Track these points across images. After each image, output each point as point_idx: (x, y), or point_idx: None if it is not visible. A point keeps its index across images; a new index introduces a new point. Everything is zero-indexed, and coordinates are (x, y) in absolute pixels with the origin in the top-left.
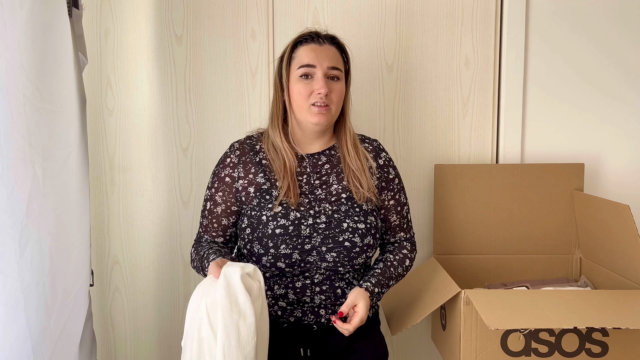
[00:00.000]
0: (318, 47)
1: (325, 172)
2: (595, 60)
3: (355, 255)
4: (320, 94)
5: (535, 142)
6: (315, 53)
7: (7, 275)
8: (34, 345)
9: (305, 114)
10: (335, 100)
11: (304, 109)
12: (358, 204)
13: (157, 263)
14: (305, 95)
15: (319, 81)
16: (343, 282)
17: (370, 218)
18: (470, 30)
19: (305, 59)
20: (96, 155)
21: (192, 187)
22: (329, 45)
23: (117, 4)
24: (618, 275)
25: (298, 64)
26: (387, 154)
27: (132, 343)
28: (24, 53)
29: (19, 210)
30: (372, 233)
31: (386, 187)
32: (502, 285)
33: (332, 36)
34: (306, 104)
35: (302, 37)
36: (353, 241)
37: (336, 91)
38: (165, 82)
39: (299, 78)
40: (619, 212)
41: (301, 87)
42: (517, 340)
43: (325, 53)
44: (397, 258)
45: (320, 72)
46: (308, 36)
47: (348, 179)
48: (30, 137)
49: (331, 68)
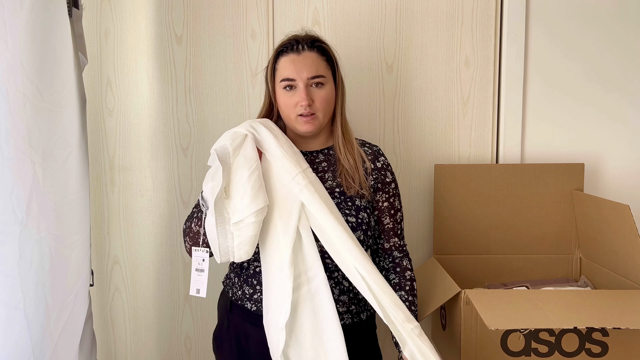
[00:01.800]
0: (297, 57)
1: (322, 169)
2: (595, 60)
3: None
4: (302, 105)
5: (535, 142)
6: (294, 65)
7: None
8: (34, 345)
9: (294, 123)
10: (321, 107)
11: (292, 119)
12: (351, 199)
13: (157, 263)
14: (291, 107)
15: (301, 93)
16: (332, 280)
17: (363, 214)
18: (470, 30)
19: (285, 72)
20: (96, 155)
21: (192, 187)
22: (308, 52)
23: (117, 4)
24: (618, 275)
25: (280, 77)
26: (386, 159)
27: (132, 343)
28: (24, 53)
29: (19, 210)
30: (362, 229)
31: (381, 188)
32: (502, 285)
33: (312, 39)
34: (293, 115)
35: (282, 47)
36: None
37: (320, 98)
38: (165, 82)
39: (283, 90)
40: (619, 212)
41: (286, 99)
42: (517, 340)
43: (303, 63)
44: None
45: (301, 84)
46: (288, 44)
47: (341, 175)
48: (30, 137)
49: (312, 78)
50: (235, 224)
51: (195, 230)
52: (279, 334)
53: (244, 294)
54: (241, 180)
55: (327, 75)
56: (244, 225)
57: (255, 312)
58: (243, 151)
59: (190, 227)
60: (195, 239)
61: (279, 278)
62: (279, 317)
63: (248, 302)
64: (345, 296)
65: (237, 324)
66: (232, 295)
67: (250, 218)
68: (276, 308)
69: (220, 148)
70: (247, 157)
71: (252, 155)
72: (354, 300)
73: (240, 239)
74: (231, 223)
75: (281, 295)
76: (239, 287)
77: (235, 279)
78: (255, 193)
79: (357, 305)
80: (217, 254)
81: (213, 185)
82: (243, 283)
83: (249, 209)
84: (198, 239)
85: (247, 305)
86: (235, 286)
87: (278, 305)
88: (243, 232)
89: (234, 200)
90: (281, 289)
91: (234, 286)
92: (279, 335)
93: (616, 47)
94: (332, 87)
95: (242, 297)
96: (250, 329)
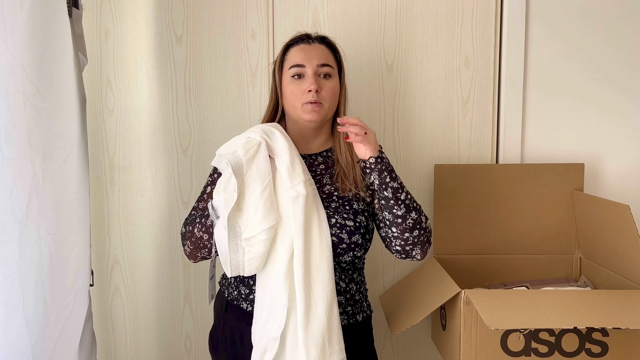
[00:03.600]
0: (307, 46)
1: (320, 173)
2: (596, 60)
3: (341, 251)
4: (311, 90)
5: (535, 142)
6: (304, 52)
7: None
8: (34, 345)
9: (299, 112)
10: (327, 97)
11: (298, 108)
12: (349, 203)
13: (157, 263)
14: (298, 95)
15: (310, 79)
16: None
17: (360, 217)
18: (470, 30)
19: (295, 59)
20: (96, 155)
21: (192, 187)
22: (318, 44)
23: (117, 4)
24: (618, 275)
25: (289, 65)
26: None
27: (132, 343)
28: (24, 53)
29: (18, 210)
30: (361, 232)
31: None
32: (502, 285)
33: (322, 36)
34: (299, 103)
35: (293, 40)
36: (340, 237)
37: (327, 88)
38: (165, 82)
39: (291, 79)
40: (619, 212)
41: (293, 87)
42: (517, 340)
43: (314, 51)
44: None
45: (310, 70)
46: (299, 38)
47: (338, 176)
48: (30, 137)
49: (321, 65)
50: (246, 240)
51: (198, 235)
52: (271, 344)
53: (239, 294)
54: (254, 194)
55: (335, 69)
56: (256, 241)
57: (251, 312)
58: (256, 162)
59: (192, 232)
60: (197, 244)
61: (273, 289)
62: (272, 326)
63: (244, 302)
64: (341, 297)
65: (232, 323)
66: (227, 295)
67: (262, 235)
68: (269, 318)
69: (234, 158)
70: (260, 170)
71: (265, 168)
72: (350, 302)
73: (251, 254)
74: (242, 238)
75: (276, 306)
76: (235, 287)
77: (232, 279)
78: (267, 209)
79: (353, 307)
80: (228, 268)
81: (226, 197)
82: (239, 283)
83: (262, 226)
84: (201, 244)
85: (243, 305)
86: (231, 286)
87: (272, 315)
88: (254, 248)
89: (246, 215)
90: (277, 300)
91: (230, 286)
92: (270, 344)
93: (616, 47)
94: (338, 82)
95: (237, 297)
96: (245, 328)
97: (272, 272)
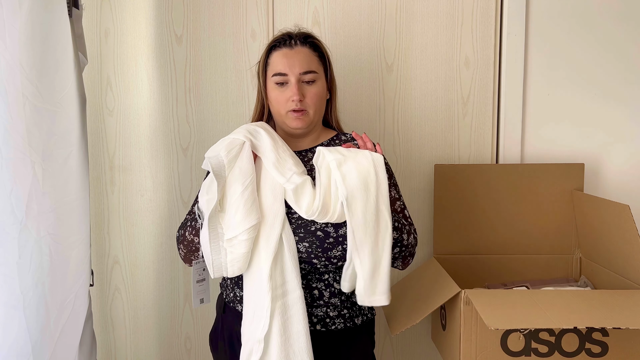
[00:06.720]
0: (289, 51)
1: (310, 168)
2: (595, 60)
3: (329, 246)
4: (294, 100)
5: (535, 142)
6: (286, 59)
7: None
8: (34, 345)
9: (284, 119)
10: (312, 104)
11: (282, 115)
12: None
13: (157, 263)
14: (282, 102)
15: (292, 88)
16: (321, 283)
17: None
18: (470, 30)
19: (277, 67)
20: (96, 155)
21: (192, 187)
22: (300, 47)
23: (117, 4)
24: (618, 275)
25: (272, 72)
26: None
27: (132, 343)
28: (24, 53)
29: (18, 210)
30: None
31: None
32: (502, 285)
33: (305, 35)
34: (283, 110)
35: (275, 42)
36: (326, 231)
37: (311, 95)
38: (165, 82)
39: (275, 85)
40: (619, 212)
41: (277, 95)
42: (517, 340)
43: (296, 58)
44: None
45: (293, 79)
46: (281, 39)
47: None
48: (30, 137)
49: (304, 73)
50: (228, 240)
51: (189, 239)
52: (256, 346)
53: (235, 296)
54: (235, 195)
55: (319, 72)
56: (237, 242)
57: None
58: (239, 162)
59: (184, 236)
60: (189, 247)
61: (257, 291)
62: (256, 328)
63: (239, 304)
64: (336, 299)
65: (230, 325)
66: (225, 297)
67: (242, 235)
68: (254, 320)
69: (215, 159)
70: (243, 169)
71: (248, 167)
72: (347, 304)
73: (232, 255)
74: (224, 239)
75: (260, 307)
76: (231, 289)
77: (228, 280)
78: (248, 209)
79: (351, 310)
80: (211, 269)
81: (208, 199)
82: (234, 285)
83: (242, 226)
84: (192, 247)
85: (239, 307)
86: (228, 288)
87: (257, 317)
88: (236, 249)
89: (228, 216)
90: (260, 302)
91: (227, 288)
92: (255, 346)
93: (616, 47)
94: (324, 84)
95: (233, 299)
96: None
97: (255, 273)
